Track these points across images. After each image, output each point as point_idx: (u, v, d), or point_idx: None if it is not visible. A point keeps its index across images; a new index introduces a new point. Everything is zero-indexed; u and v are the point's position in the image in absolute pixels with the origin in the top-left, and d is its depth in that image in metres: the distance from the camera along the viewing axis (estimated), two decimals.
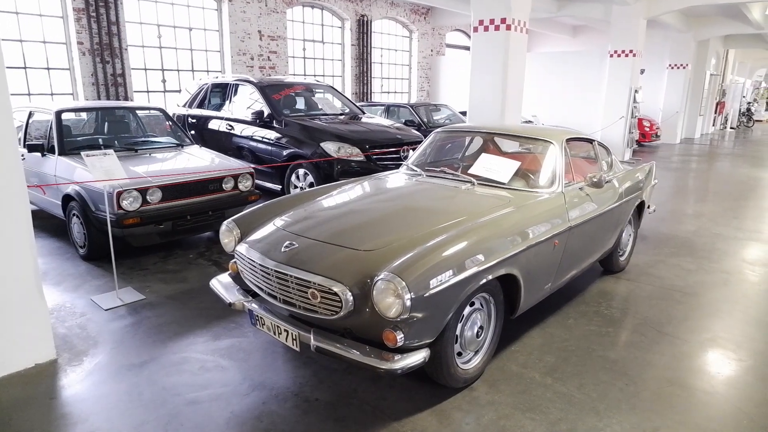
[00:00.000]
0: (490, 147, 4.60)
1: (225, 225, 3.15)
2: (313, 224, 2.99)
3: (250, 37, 10.56)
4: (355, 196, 3.55)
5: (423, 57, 15.50)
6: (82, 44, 8.10)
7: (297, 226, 2.95)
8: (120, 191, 4.34)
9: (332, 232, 2.81)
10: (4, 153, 2.73)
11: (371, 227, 2.86)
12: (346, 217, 3.07)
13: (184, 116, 8.17)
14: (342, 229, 2.84)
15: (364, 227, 2.86)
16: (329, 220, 3.04)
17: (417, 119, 9.44)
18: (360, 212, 3.14)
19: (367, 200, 3.43)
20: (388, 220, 2.94)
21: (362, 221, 2.95)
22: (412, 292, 2.24)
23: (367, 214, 3.07)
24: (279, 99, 7.05)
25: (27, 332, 2.94)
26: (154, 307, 3.80)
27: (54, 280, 4.30)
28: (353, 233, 2.77)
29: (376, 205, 3.30)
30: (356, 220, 2.99)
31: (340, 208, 3.29)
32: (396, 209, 3.13)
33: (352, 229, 2.85)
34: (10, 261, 2.82)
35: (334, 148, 6.07)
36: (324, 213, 3.20)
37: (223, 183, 5.07)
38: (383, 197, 3.46)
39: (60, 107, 5.36)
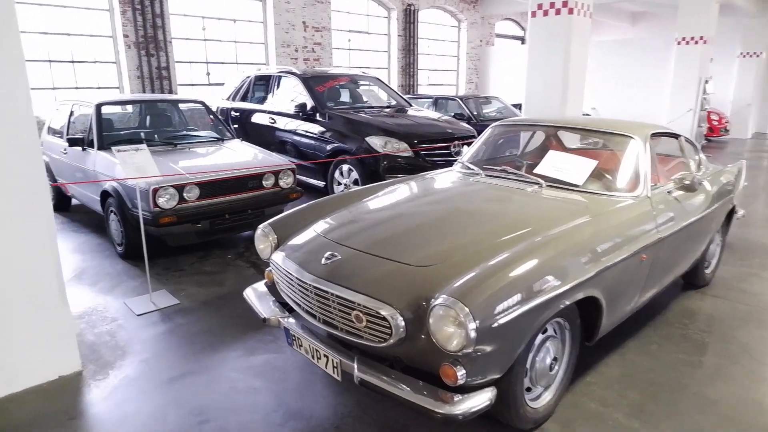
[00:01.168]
0: (553, 143, 4.13)
1: (260, 229, 2.83)
2: (357, 231, 2.63)
3: (294, 28, 10.33)
4: (404, 198, 3.16)
5: (472, 47, 14.90)
6: (128, 37, 8.05)
7: (339, 233, 2.60)
8: (156, 188, 4.12)
9: (380, 241, 2.44)
10: (25, 152, 2.50)
11: (425, 237, 2.47)
12: (395, 223, 2.69)
13: (227, 109, 8.00)
14: (391, 238, 2.46)
15: (417, 236, 2.47)
16: (376, 226, 2.67)
17: (467, 112, 8.95)
18: (411, 218, 2.75)
19: (419, 203, 3.04)
20: (444, 229, 2.54)
21: (414, 229, 2.57)
22: (477, 321, 1.84)
23: (419, 221, 2.68)
24: (323, 91, 6.74)
25: (50, 342, 2.73)
26: (188, 313, 3.54)
27: (90, 280, 4.13)
28: (404, 243, 2.39)
29: (429, 209, 2.90)
30: (407, 227, 2.60)
31: (389, 212, 2.91)
32: (452, 215, 2.72)
33: (402, 238, 2.46)
34: (32, 267, 2.60)
35: (380, 143, 5.70)
36: (370, 218, 2.84)
37: (263, 180, 4.79)
38: (437, 200, 3.06)
39: (100, 100, 5.22)
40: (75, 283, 4.06)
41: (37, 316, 2.66)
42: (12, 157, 2.45)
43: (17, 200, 2.49)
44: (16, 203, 2.49)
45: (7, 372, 2.61)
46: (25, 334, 2.63)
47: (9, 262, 2.51)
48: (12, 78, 2.44)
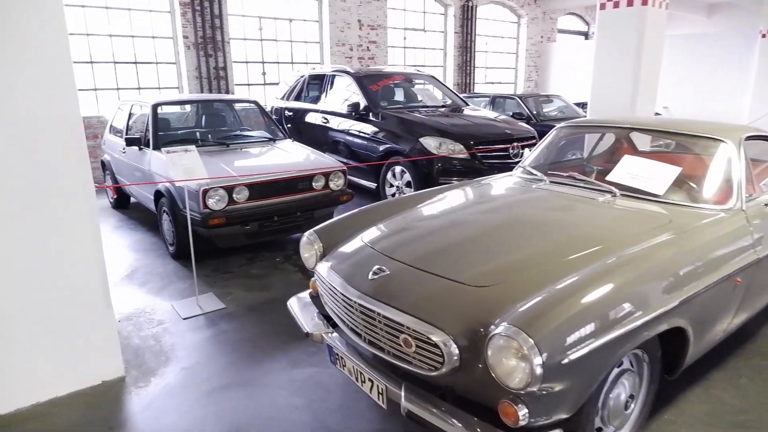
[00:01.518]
0: (625, 146, 3.76)
1: (306, 237, 2.68)
2: (408, 242, 2.42)
3: (349, 27, 10.24)
4: (460, 205, 2.93)
5: (532, 44, 14.32)
6: (187, 38, 8.20)
7: (389, 244, 2.40)
8: (206, 189, 4.08)
9: (432, 254, 2.22)
10: (70, 154, 2.46)
11: (482, 251, 2.23)
12: (449, 234, 2.46)
13: (281, 109, 8.00)
14: (444, 252, 2.24)
15: (473, 250, 2.23)
16: (429, 237, 2.45)
17: (526, 111, 8.54)
18: (467, 229, 2.51)
19: (476, 212, 2.79)
20: (504, 242, 2.29)
21: (471, 241, 2.33)
22: (544, 355, 1.59)
23: (476, 232, 2.43)
24: (376, 90, 6.57)
25: (94, 346, 2.69)
26: (233, 318, 3.46)
27: (141, 280, 4.14)
28: (459, 258, 2.16)
29: (486, 219, 2.65)
30: (463, 239, 2.36)
31: (443, 221, 2.68)
32: (513, 227, 2.46)
33: (457, 251, 2.24)
34: (77, 270, 2.56)
35: (434, 144, 5.46)
36: (422, 227, 2.62)
37: (313, 181, 4.67)
38: (496, 209, 2.80)
39: (156, 100, 5.27)
40: (126, 283, 4.08)
41: (83, 319, 2.62)
42: (57, 158, 2.41)
43: (62, 202, 2.45)
44: (62, 205, 2.45)
45: (53, 375, 2.59)
46: (71, 337, 2.60)
47: (54, 265, 2.48)
48: (59, 80, 2.40)
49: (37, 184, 2.37)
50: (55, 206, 2.43)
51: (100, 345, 2.71)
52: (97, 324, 2.68)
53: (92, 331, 2.66)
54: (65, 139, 2.43)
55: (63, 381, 2.62)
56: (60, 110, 2.41)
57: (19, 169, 2.32)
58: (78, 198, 2.50)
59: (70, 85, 2.46)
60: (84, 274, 2.58)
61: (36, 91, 2.33)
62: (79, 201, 2.50)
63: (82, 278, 2.58)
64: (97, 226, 2.60)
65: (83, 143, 2.51)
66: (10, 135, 2.29)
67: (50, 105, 2.38)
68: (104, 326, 2.71)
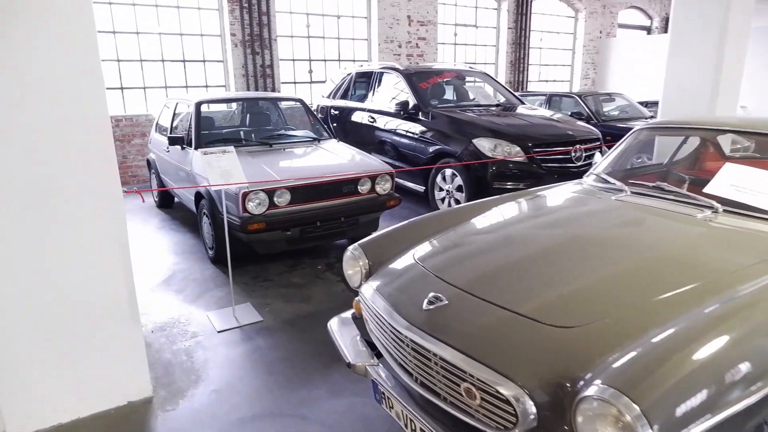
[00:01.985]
0: (710, 150, 3.28)
1: (350, 251, 2.37)
2: (469, 264, 2.07)
3: (398, 23, 9.92)
4: (527, 219, 2.55)
5: (589, 40, 13.58)
6: (235, 36, 8.11)
7: (445, 265, 2.06)
8: (246, 192, 3.86)
9: (498, 281, 1.87)
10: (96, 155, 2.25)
11: (558, 279, 1.85)
12: (518, 256, 2.09)
13: (327, 107, 7.77)
14: (513, 279, 1.88)
15: (548, 278, 1.86)
16: (493, 259, 2.09)
17: (585, 111, 7.97)
18: (539, 250, 2.13)
19: (547, 229, 2.39)
20: (584, 269, 1.90)
21: (544, 267, 1.95)
22: (655, 428, 1.22)
23: (549, 255, 2.05)
24: (426, 88, 6.22)
25: (120, 365, 2.48)
26: (270, 333, 3.20)
27: (177, 286, 3.97)
28: (531, 288, 1.80)
29: (560, 238, 2.25)
30: (535, 263, 1.99)
31: (508, 239, 2.31)
32: (593, 250, 2.06)
33: (528, 279, 1.87)
34: (102, 283, 2.35)
35: (489, 146, 5.06)
36: (485, 246, 2.26)
37: (358, 185, 4.38)
38: (570, 225, 2.40)
39: (200, 98, 5.12)
40: (163, 288, 3.91)
41: (108, 335, 2.41)
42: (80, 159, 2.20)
43: (86, 208, 2.24)
44: (85, 211, 2.25)
45: (76, 395, 2.39)
46: (95, 355, 2.40)
47: (77, 276, 2.28)
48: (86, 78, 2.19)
49: (56, 186, 2.16)
50: (77, 212, 2.23)
51: (127, 363, 2.50)
52: (124, 340, 2.47)
53: (118, 348, 2.45)
54: (90, 140, 2.22)
55: (86, 401, 2.42)
56: (86, 110, 2.20)
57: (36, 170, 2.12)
58: (103, 203, 2.28)
59: (98, 84, 2.25)
60: (109, 286, 2.37)
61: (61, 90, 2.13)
62: (105, 207, 2.29)
63: (108, 291, 2.37)
64: (124, 234, 2.38)
65: (110, 144, 2.30)
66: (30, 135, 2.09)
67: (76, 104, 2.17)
68: (131, 343, 2.50)
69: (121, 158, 7.55)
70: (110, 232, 2.32)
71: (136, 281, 2.31)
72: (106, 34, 7.33)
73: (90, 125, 2.23)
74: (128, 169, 7.62)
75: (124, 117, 7.51)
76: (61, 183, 2.17)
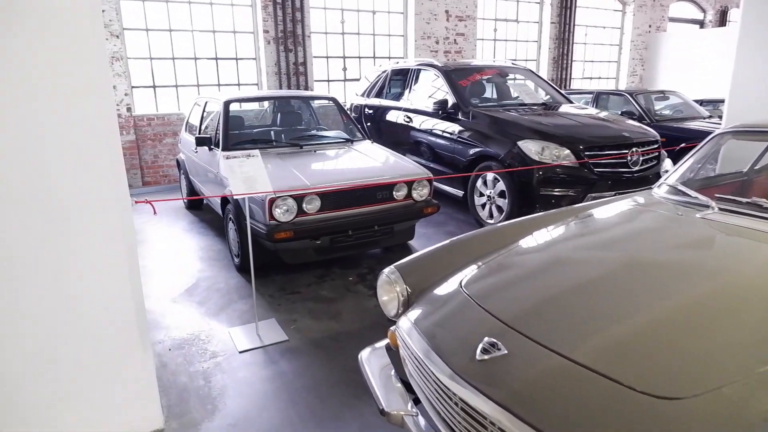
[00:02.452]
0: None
1: (385, 275, 2.05)
2: (531, 300, 1.71)
3: (436, 18, 9.54)
4: (596, 241, 2.17)
5: (638, 34, 12.85)
6: (268, 32, 7.89)
7: (498, 297, 1.72)
8: (273, 198, 3.58)
9: (572, 326, 1.51)
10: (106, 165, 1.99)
11: (651, 330, 1.47)
12: (591, 291, 1.71)
13: (361, 106, 7.48)
14: (590, 325, 1.51)
15: (638, 328, 1.48)
16: (562, 295, 1.71)
17: (637, 110, 7.42)
18: (615, 284, 1.74)
19: (621, 254, 1.99)
20: (678, 315, 1.52)
21: (624, 307, 1.58)
22: None
23: (629, 290, 1.67)
24: (466, 86, 5.84)
25: (127, 392, 2.23)
26: (295, 356, 2.91)
27: (201, 296, 3.73)
28: (619, 341, 1.42)
29: (639, 267, 1.86)
30: (612, 302, 1.62)
31: (576, 268, 1.92)
32: (685, 287, 1.67)
33: (611, 327, 1.50)
34: (106, 301, 2.09)
35: (535, 149, 4.66)
36: (547, 275, 1.89)
37: (394, 190, 4.05)
38: (648, 250, 2.00)
39: (228, 97, 4.89)
40: (185, 299, 3.68)
41: (115, 364, 2.16)
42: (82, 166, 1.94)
43: (90, 223, 1.99)
44: (89, 226, 1.99)
45: (79, 427, 2.15)
46: (100, 385, 2.15)
47: (78, 296, 2.03)
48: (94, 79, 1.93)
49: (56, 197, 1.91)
50: (80, 226, 1.98)
51: (135, 392, 2.24)
52: (132, 368, 2.21)
53: (126, 376, 2.20)
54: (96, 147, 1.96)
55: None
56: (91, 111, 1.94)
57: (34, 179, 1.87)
58: (110, 216, 2.03)
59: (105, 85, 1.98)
60: (116, 309, 2.12)
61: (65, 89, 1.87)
62: (112, 220, 2.03)
63: (114, 314, 2.12)
64: (133, 251, 2.12)
65: (117, 148, 2.04)
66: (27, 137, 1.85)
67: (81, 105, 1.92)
68: (141, 371, 2.24)
69: (153, 157, 7.45)
70: (117, 249, 2.06)
71: (158, 289, 2.09)
72: (139, 31, 7.22)
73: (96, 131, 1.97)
74: (159, 168, 7.51)
75: (155, 116, 7.40)
76: (61, 194, 1.92)
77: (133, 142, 7.20)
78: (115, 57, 6.87)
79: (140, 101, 7.45)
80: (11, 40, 1.75)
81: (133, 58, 7.23)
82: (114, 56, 6.86)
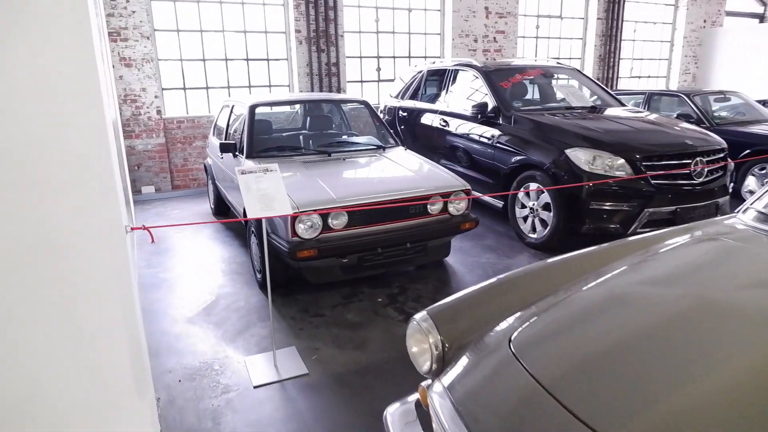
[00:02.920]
0: None
1: (416, 322, 1.71)
2: (604, 372, 1.33)
3: (475, 15, 9.10)
4: (668, 289, 1.75)
5: (691, 30, 12.05)
6: (300, 32, 7.65)
7: (564, 369, 1.35)
8: (296, 213, 3.29)
9: (664, 417, 1.13)
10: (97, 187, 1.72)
11: (758, 410, 1.09)
12: (683, 361, 1.33)
13: (394, 108, 7.15)
14: (686, 413, 1.14)
15: (742, 409, 1.11)
16: (641, 364, 1.32)
17: (695, 113, 6.82)
18: (698, 336, 1.36)
19: (700, 302, 1.59)
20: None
21: (729, 381, 1.20)
22: None
23: (714, 349, 1.28)
24: (508, 87, 5.43)
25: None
26: (315, 394, 2.61)
27: (218, 317, 3.48)
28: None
29: (728, 315, 1.46)
30: (715, 374, 1.23)
31: (645, 315, 1.53)
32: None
33: (710, 409, 1.12)
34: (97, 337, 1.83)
35: (586, 158, 4.22)
36: (627, 335, 1.50)
37: (428, 204, 3.71)
38: (743, 299, 1.59)
39: (254, 101, 4.64)
40: (202, 320, 3.44)
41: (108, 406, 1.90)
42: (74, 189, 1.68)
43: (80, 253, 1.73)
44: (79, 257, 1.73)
45: None
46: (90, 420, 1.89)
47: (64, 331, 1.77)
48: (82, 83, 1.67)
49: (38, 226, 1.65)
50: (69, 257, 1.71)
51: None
52: (128, 411, 1.95)
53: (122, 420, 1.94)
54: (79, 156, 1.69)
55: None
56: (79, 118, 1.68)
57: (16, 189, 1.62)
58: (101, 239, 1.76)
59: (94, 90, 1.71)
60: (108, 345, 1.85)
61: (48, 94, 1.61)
62: (102, 253, 1.76)
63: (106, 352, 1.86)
64: (128, 287, 1.85)
65: (110, 170, 1.77)
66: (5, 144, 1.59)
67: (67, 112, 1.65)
68: (138, 414, 1.98)
69: (183, 161, 7.32)
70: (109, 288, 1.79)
71: (175, 307, 1.84)
72: (170, 32, 7.09)
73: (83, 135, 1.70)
74: (189, 172, 7.38)
75: (185, 118, 7.26)
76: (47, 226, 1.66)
77: (162, 145, 7.08)
78: (145, 59, 6.76)
79: (170, 103, 7.32)
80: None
81: (164, 59, 7.11)
82: (144, 58, 6.75)
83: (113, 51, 6.55)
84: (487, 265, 4.30)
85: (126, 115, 6.81)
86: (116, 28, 6.54)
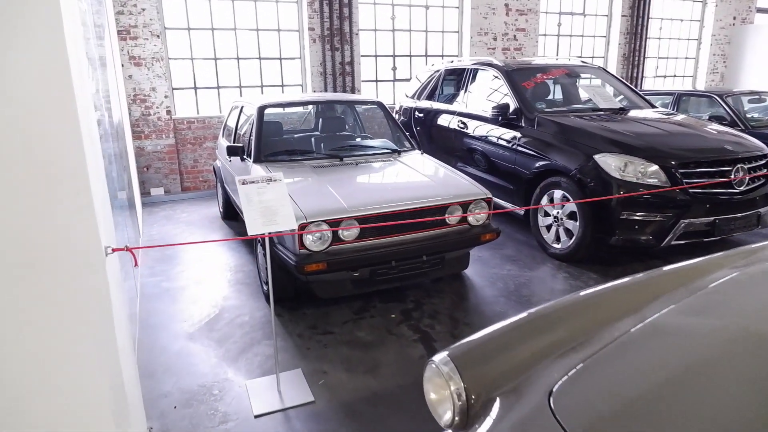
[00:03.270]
0: None
1: (436, 364, 1.46)
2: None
3: (494, 12, 8.80)
4: (740, 332, 1.48)
5: (720, 28, 11.57)
6: (313, 30, 7.43)
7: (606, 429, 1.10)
8: (304, 224, 3.07)
9: None
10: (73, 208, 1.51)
11: None
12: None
13: (410, 109, 6.89)
14: None
15: None
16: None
17: (728, 114, 6.45)
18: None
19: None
20: None
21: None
22: None
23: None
24: (530, 88, 5.14)
25: None
26: (321, 424, 2.38)
27: (221, 333, 3.27)
28: None
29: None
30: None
31: (713, 367, 1.27)
32: None
33: None
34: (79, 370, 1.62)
35: (616, 164, 3.92)
36: (672, 383, 1.24)
37: (446, 213, 3.46)
38: None
39: (263, 102, 4.43)
40: (203, 336, 3.23)
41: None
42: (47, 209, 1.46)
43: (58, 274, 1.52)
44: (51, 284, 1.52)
45: None
46: None
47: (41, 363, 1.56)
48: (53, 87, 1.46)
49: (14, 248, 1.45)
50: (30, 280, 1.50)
51: None
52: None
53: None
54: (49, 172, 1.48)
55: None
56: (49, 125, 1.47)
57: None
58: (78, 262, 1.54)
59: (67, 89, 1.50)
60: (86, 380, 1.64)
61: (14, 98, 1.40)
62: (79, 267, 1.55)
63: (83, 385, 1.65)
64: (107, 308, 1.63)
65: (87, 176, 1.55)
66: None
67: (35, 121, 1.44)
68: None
69: (193, 162, 7.15)
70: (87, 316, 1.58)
71: (177, 321, 1.63)
72: (181, 31, 6.92)
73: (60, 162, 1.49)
74: (199, 173, 7.21)
75: (196, 118, 7.09)
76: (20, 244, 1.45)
77: (172, 146, 6.91)
78: (155, 58, 6.59)
79: (180, 103, 7.16)
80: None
81: (174, 58, 6.94)
82: (155, 57, 6.59)
83: (122, 50, 6.40)
84: (507, 278, 4.03)
85: (135, 115, 6.65)
86: (126, 26, 6.38)
